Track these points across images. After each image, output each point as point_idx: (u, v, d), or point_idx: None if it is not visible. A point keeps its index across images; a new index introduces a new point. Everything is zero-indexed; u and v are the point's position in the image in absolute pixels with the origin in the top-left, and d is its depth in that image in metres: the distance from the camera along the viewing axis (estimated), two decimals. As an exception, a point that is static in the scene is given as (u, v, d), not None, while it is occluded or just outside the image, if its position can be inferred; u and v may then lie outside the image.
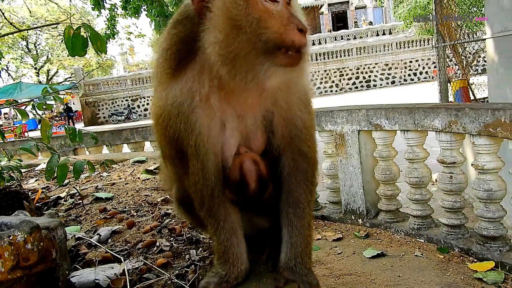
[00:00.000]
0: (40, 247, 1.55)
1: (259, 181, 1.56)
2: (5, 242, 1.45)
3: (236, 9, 1.34)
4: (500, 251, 4.12)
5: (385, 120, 4.96)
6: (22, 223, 1.54)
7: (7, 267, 1.44)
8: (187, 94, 1.47)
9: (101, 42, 1.76)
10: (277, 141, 1.58)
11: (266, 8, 1.34)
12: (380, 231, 5.29)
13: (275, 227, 1.73)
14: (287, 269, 1.58)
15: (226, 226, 1.57)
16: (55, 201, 3.12)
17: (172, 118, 1.49)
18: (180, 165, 1.60)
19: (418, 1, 21.75)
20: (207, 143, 1.48)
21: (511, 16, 6.29)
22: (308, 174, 1.61)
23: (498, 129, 3.81)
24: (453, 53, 10.33)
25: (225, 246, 1.57)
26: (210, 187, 1.53)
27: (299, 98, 1.58)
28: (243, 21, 1.33)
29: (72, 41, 1.72)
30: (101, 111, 37.13)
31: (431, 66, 33.91)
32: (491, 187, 4.06)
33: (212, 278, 1.57)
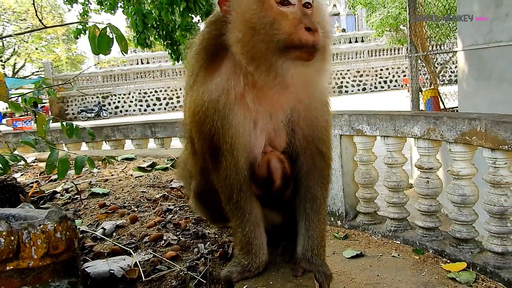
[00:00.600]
0: (67, 236, 1.61)
1: (284, 179, 1.68)
2: (38, 230, 1.51)
3: (250, 13, 1.46)
4: (471, 252, 4.38)
5: (366, 126, 5.17)
6: (51, 213, 1.59)
7: (39, 254, 1.50)
8: (223, 91, 1.56)
9: (124, 42, 1.84)
10: (298, 141, 1.70)
11: (281, 11, 1.45)
12: (358, 232, 5.50)
13: (288, 222, 1.85)
14: (304, 260, 1.70)
15: (251, 219, 1.67)
16: (51, 195, 3.13)
17: (209, 114, 1.58)
18: (211, 160, 1.68)
19: (390, 11, 22.37)
20: (242, 140, 1.58)
21: (481, 30, 6.66)
22: (324, 172, 1.74)
23: (474, 137, 4.06)
24: (425, 63, 10.76)
25: (249, 238, 1.67)
26: (241, 181, 1.63)
27: (320, 99, 1.70)
28: (258, 23, 1.45)
29: (98, 40, 1.78)
30: (70, 107, 36.25)
31: (401, 75, 34.98)
32: (465, 192, 4.31)
33: (234, 268, 1.67)
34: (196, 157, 1.82)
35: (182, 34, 9.95)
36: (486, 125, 3.91)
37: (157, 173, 3.69)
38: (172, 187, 3.19)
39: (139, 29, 9.63)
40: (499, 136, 3.77)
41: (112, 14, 12.28)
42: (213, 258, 2.06)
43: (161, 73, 35.75)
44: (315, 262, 1.70)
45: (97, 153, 4.97)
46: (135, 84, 35.93)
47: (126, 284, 1.90)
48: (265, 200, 1.74)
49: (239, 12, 1.50)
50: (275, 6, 1.46)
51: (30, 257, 1.49)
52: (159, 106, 36.13)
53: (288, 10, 1.46)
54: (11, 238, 1.45)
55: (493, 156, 3.92)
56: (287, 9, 1.46)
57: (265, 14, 1.45)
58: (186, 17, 9.73)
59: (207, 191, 1.83)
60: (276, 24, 1.44)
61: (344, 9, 47.88)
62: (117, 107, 36.19)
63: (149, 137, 6.96)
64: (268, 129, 1.65)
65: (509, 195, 3.94)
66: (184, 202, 2.84)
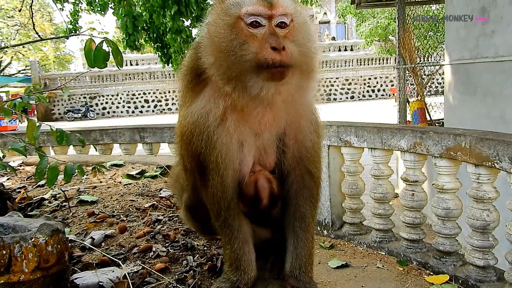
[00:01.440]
0: (58, 249, 1.62)
1: (271, 198, 1.72)
2: (30, 244, 1.52)
3: (220, 37, 1.52)
4: (454, 265, 4.46)
5: (354, 137, 5.24)
6: (43, 226, 1.60)
7: (30, 268, 1.51)
8: (205, 113, 1.61)
9: (120, 57, 1.86)
10: (288, 161, 1.73)
11: (250, 33, 1.50)
12: (344, 242, 5.55)
13: (277, 238, 1.88)
14: (292, 277, 1.73)
15: (240, 236, 1.70)
16: (39, 202, 3.11)
17: (194, 135, 1.63)
18: (199, 178, 1.72)
19: (380, 21, 22.67)
20: (227, 160, 1.61)
21: (468, 45, 6.80)
22: (313, 192, 1.78)
23: (459, 153, 4.15)
24: (412, 75, 10.93)
25: (238, 254, 1.70)
26: (227, 199, 1.66)
27: (310, 120, 1.73)
28: (228, 46, 1.50)
29: (94, 54, 1.80)
30: (56, 107, 35.86)
31: (389, 84, 35.40)
32: (449, 206, 4.40)
33: (223, 284, 1.69)
34: (188, 174, 1.85)
35: (173, 38, 9.96)
36: (471, 141, 4.00)
37: (146, 181, 3.69)
38: (162, 196, 3.20)
39: (129, 31, 9.60)
40: (483, 153, 3.86)
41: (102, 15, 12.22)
42: (201, 271, 2.07)
43: (150, 75, 35.60)
44: (303, 280, 1.73)
45: (85, 158, 4.95)
46: (124, 86, 35.71)
47: (114, 296, 1.91)
48: (253, 218, 1.77)
49: (209, 37, 1.56)
50: (245, 29, 1.50)
51: (21, 271, 1.49)
52: (147, 108, 35.94)
53: (258, 32, 1.50)
54: (3, 252, 1.45)
55: (477, 171, 4.00)
56: (256, 30, 1.50)
57: (235, 37, 1.50)
58: (177, 21, 9.73)
59: (197, 205, 1.86)
60: (245, 45, 1.49)
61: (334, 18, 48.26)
62: (104, 108, 35.90)
63: (137, 142, 6.94)
64: (256, 148, 1.68)
65: (491, 210, 4.02)
66: (173, 212, 2.85)
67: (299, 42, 1.56)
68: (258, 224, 1.85)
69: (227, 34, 1.50)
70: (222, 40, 1.50)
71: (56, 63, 48.75)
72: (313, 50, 1.62)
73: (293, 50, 1.51)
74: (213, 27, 1.55)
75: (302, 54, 1.54)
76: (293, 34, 1.55)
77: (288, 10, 1.54)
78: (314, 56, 1.62)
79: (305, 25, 1.63)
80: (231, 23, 1.51)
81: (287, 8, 1.54)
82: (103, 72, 35.46)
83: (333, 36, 45.07)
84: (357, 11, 21.83)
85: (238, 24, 1.50)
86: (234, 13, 1.51)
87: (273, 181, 1.73)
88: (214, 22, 1.56)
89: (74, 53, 50.08)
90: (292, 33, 1.54)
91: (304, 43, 1.58)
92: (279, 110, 1.64)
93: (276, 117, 1.65)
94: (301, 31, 1.59)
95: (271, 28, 1.50)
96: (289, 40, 1.53)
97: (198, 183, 1.75)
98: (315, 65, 1.63)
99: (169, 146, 6.74)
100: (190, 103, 1.67)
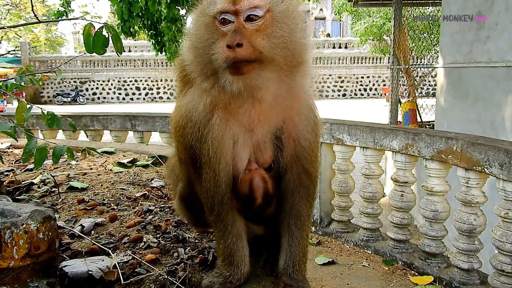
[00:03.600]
0: (49, 237, 1.60)
1: (265, 197, 1.71)
2: (21, 230, 1.49)
3: (196, 36, 1.56)
4: (439, 267, 4.51)
5: (347, 136, 5.25)
6: (35, 212, 1.57)
7: (20, 255, 1.49)
8: (193, 108, 1.62)
9: (120, 43, 1.83)
10: (285, 159, 1.72)
11: (222, 31, 1.49)
12: (331, 239, 5.58)
13: (270, 235, 1.88)
14: (285, 275, 1.73)
15: (233, 231, 1.70)
16: (27, 186, 3.07)
17: (186, 128, 1.63)
18: (193, 171, 1.71)
19: (375, 21, 22.74)
20: (218, 154, 1.60)
21: (462, 50, 6.85)
22: (310, 190, 1.77)
23: (450, 156, 4.19)
24: (405, 75, 11.00)
25: (231, 249, 1.69)
26: (220, 194, 1.65)
27: (307, 118, 1.71)
28: (202, 45, 1.53)
29: (93, 39, 1.77)
30: (46, 90, 35.38)
31: (381, 84, 35.56)
32: (437, 208, 4.44)
33: (216, 278, 1.68)
34: (183, 165, 1.83)
35: (167, 26, 9.89)
36: (462, 145, 4.03)
37: (138, 170, 3.66)
38: (153, 186, 3.18)
39: (124, 17, 9.49)
40: (474, 157, 3.90)
41: (97, -1, 12.04)
42: (192, 264, 2.06)
43: (142, 62, 35.27)
44: (296, 278, 1.73)
45: (75, 144, 4.88)
46: (115, 72, 35.33)
47: (104, 286, 1.89)
48: (247, 215, 1.76)
49: (188, 36, 1.60)
50: (218, 27, 1.50)
51: (11, 257, 1.47)
52: (138, 95, 35.65)
53: (226, 29, 1.49)
54: (-6, 237, 1.43)
55: (467, 175, 4.04)
56: (225, 28, 1.49)
57: (209, 36, 1.52)
58: (173, 9, 9.67)
59: (192, 196, 1.85)
60: (216, 43, 1.49)
61: (330, 14, 48.24)
62: (94, 94, 35.52)
63: (128, 130, 6.88)
64: (250, 145, 1.66)
65: (478, 214, 4.07)
66: (165, 203, 2.83)
67: (276, 34, 1.49)
68: (252, 221, 1.84)
69: (203, 33, 1.52)
70: (198, 40, 1.53)
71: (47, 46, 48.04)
72: (296, 41, 1.53)
73: (263, 44, 1.45)
74: (192, 26, 1.58)
75: (277, 46, 1.48)
76: (268, 26, 1.48)
77: (260, 1, 1.48)
78: (299, 47, 1.55)
79: (288, 14, 1.54)
80: (207, 23, 1.52)
81: (258, 1, 1.48)
82: (95, 57, 35.01)
83: (328, 32, 45.08)
84: (353, 9, 21.84)
85: (213, 23, 1.51)
86: (209, 13, 1.52)
87: (268, 181, 1.72)
88: (194, 22, 1.58)
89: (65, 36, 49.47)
90: (267, 25, 1.48)
91: (283, 35, 1.49)
92: (270, 107, 1.61)
93: (268, 113, 1.62)
94: (281, 21, 1.51)
95: (236, 24, 1.47)
96: (262, 33, 1.47)
97: (192, 176, 1.74)
98: (301, 57, 1.57)
99: (161, 136, 6.69)
100: (183, 95, 1.69)
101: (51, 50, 47.35)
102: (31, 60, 34.12)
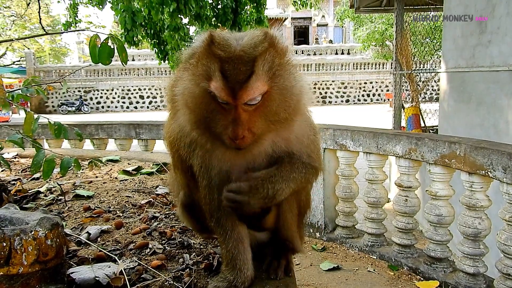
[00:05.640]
0: (57, 243, 1.62)
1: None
2: (30, 237, 1.52)
3: (191, 102, 1.49)
4: (444, 271, 4.50)
5: (350, 141, 5.27)
6: (43, 219, 1.60)
7: (29, 261, 1.51)
8: (183, 132, 1.65)
9: (125, 54, 1.87)
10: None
11: (219, 104, 1.44)
12: (336, 245, 5.58)
13: (274, 240, 1.90)
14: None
15: (234, 235, 1.71)
16: (34, 195, 3.10)
17: (180, 144, 1.68)
18: (191, 179, 1.75)
19: (377, 26, 22.80)
20: (212, 165, 1.64)
21: (464, 54, 6.88)
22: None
23: (453, 160, 4.20)
24: (408, 81, 11.02)
25: (233, 254, 1.71)
26: (216, 201, 1.67)
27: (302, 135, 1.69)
28: (197, 110, 1.48)
29: (99, 50, 1.81)
30: (50, 100, 35.64)
31: (384, 89, 35.57)
32: (441, 213, 4.44)
33: (221, 283, 1.70)
34: (180, 174, 1.87)
35: (170, 35, 9.97)
36: (466, 150, 4.05)
37: (143, 178, 3.69)
38: (158, 193, 3.20)
39: (127, 26, 9.58)
40: (477, 161, 3.91)
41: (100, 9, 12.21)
42: (198, 269, 2.08)
43: (146, 71, 35.50)
44: None
45: (80, 152, 4.93)
46: (119, 81, 35.57)
47: (110, 292, 1.91)
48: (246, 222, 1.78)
49: (182, 95, 1.52)
50: (214, 99, 1.44)
51: (21, 264, 1.50)
52: (142, 104, 35.84)
53: (226, 107, 1.43)
54: (3, 244, 1.46)
55: (470, 179, 4.05)
56: (225, 105, 1.44)
57: (204, 106, 1.46)
58: (175, 18, 9.74)
59: (193, 203, 1.88)
60: (214, 113, 1.46)
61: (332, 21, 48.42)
62: (99, 103, 35.74)
63: (133, 138, 6.93)
64: (243, 161, 1.64)
65: (483, 218, 4.07)
66: (169, 210, 2.86)
67: (272, 111, 1.47)
68: (254, 229, 1.87)
69: (198, 101, 1.46)
70: (193, 105, 1.48)
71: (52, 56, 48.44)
72: (292, 105, 1.50)
73: (261, 125, 1.46)
74: (187, 87, 1.49)
75: (274, 121, 1.49)
76: (265, 105, 1.46)
77: (258, 92, 1.41)
78: (295, 108, 1.53)
79: (284, 86, 1.48)
80: (201, 94, 1.45)
81: (258, 91, 1.41)
82: (99, 67, 35.28)
83: (330, 39, 45.24)
84: (355, 15, 21.92)
85: (208, 95, 1.44)
86: (203, 86, 1.44)
87: None
88: (188, 83, 1.49)
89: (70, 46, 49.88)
90: (264, 105, 1.45)
91: (278, 110, 1.48)
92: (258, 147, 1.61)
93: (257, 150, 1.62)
94: (277, 98, 1.47)
95: (237, 112, 1.42)
96: (259, 112, 1.46)
97: (190, 183, 1.77)
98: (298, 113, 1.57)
99: (164, 143, 6.73)
100: (172, 116, 1.71)
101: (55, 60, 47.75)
102: (36, 70, 34.44)
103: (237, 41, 1.45)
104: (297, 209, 1.88)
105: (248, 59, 1.40)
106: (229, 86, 1.38)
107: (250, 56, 1.40)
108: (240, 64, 1.39)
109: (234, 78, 1.38)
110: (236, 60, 1.39)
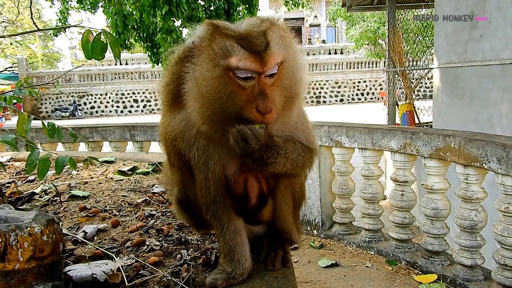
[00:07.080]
0: (53, 239, 1.61)
1: (260, 197, 1.73)
2: (25, 233, 1.51)
3: (206, 87, 1.48)
4: (442, 265, 4.52)
5: (345, 138, 5.28)
6: (38, 215, 1.59)
7: (25, 257, 1.50)
8: (184, 127, 1.65)
9: (118, 49, 1.86)
10: None
11: (239, 84, 1.45)
12: (333, 242, 5.59)
13: (271, 232, 1.90)
14: None
15: (230, 228, 1.72)
16: (29, 196, 3.08)
17: (177, 140, 1.67)
18: (187, 173, 1.75)
19: (369, 25, 22.91)
20: (209, 164, 1.65)
21: (456, 50, 6.91)
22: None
23: (448, 153, 4.21)
24: (401, 78, 11.06)
25: (230, 246, 1.71)
26: (212, 194, 1.69)
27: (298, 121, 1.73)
28: (215, 96, 1.47)
29: (92, 45, 1.80)
30: (44, 105, 35.45)
31: (378, 88, 35.69)
32: (438, 206, 4.46)
33: (219, 275, 1.70)
34: (175, 169, 1.86)
35: (163, 37, 9.95)
36: (460, 142, 4.06)
37: (138, 177, 3.67)
38: (154, 192, 3.19)
39: (119, 30, 9.55)
40: (472, 153, 3.93)
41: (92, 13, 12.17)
42: (196, 265, 2.07)
43: (139, 74, 35.41)
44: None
45: (75, 155, 4.90)
46: (113, 85, 35.45)
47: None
48: (243, 215, 1.78)
49: (196, 84, 1.50)
50: (234, 79, 1.45)
51: (16, 260, 1.48)
52: (136, 108, 35.73)
53: (247, 84, 1.46)
54: (-1, 240, 1.44)
55: (466, 172, 4.07)
56: (245, 83, 1.45)
57: (223, 88, 1.46)
58: (168, 21, 9.73)
59: (188, 198, 1.87)
60: (233, 95, 1.46)
61: (325, 21, 48.56)
62: (93, 107, 35.60)
63: (128, 140, 6.91)
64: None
65: (479, 210, 4.09)
66: (166, 208, 2.85)
67: (285, 84, 1.53)
68: (250, 223, 1.87)
69: (215, 84, 1.46)
70: (209, 90, 1.46)
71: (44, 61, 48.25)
72: (299, 88, 1.59)
73: (279, 100, 1.50)
74: (200, 74, 1.49)
75: (286, 98, 1.53)
76: (280, 78, 1.51)
77: (279, 59, 1.48)
78: (300, 91, 1.60)
79: (294, 65, 1.58)
80: (219, 75, 1.45)
81: (278, 58, 1.48)
82: (92, 71, 35.20)
83: (323, 39, 45.34)
84: (347, 14, 22.01)
85: (227, 74, 1.45)
86: (222, 64, 1.44)
87: (262, 180, 1.74)
88: (201, 70, 1.49)
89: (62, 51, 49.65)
90: (279, 78, 1.51)
91: (290, 85, 1.54)
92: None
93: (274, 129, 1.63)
94: (289, 71, 1.55)
95: (261, 85, 1.45)
96: (275, 86, 1.50)
97: (186, 178, 1.77)
98: (300, 97, 1.62)
99: (160, 145, 6.72)
100: (170, 113, 1.70)
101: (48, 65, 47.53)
102: (29, 76, 34.25)
103: (240, 25, 1.52)
104: (292, 201, 1.89)
105: (260, 33, 1.47)
106: (253, 55, 1.44)
107: (260, 30, 1.48)
108: (254, 37, 1.46)
109: (254, 48, 1.44)
110: (250, 35, 1.46)
